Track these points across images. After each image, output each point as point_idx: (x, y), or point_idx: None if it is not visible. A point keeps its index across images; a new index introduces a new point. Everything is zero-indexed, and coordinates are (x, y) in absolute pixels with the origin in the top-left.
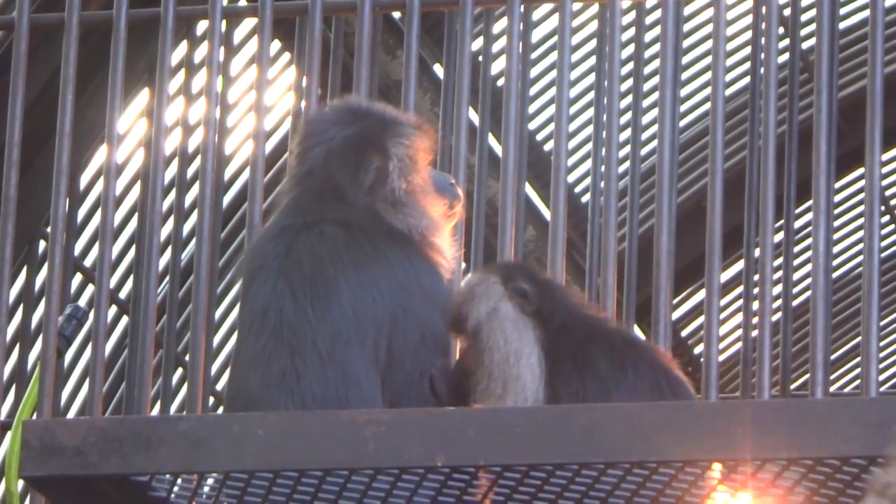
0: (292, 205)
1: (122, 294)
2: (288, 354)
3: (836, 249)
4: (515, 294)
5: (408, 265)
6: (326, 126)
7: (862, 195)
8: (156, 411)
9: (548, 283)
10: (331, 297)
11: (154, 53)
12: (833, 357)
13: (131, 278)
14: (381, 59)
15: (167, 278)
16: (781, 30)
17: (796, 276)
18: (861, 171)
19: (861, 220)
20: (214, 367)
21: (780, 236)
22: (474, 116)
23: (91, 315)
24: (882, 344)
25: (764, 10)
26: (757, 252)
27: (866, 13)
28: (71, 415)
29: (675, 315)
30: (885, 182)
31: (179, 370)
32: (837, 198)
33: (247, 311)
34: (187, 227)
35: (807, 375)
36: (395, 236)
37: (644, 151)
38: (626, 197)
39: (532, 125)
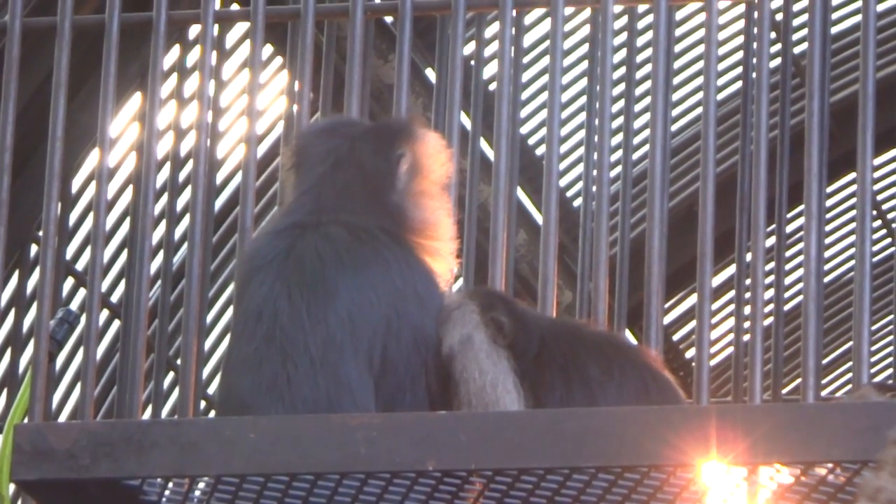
0: (307, 200)
1: (114, 298)
2: (280, 358)
3: (827, 254)
4: (492, 324)
5: (406, 269)
6: (335, 126)
7: (854, 200)
8: (147, 415)
9: (524, 313)
10: (328, 300)
11: (146, 57)
12: (825, 361)
13: (123, 282)
14: (374, 64)
15: (159, 282)
16: (773, 34)
17: (788, 280)
18: (853, 175)
19: (853, 225)
20: (206, 371)
21: (771, 241)
22: (466, 121)
23: (83, 319)
24: (873, 349)
25: (756, 14)
26: (749, 256)
27: (858, 18)
28: (62, 418)
29: (667, 319)
30: (876, 187)
31: (171, 374)
32: (829, 202)
33: (241, 313)
34: (179, 231)
35: (798, 380)
36: (397, 238)
37: (636, 156)
38: (617, 201)
39: (524, 129)
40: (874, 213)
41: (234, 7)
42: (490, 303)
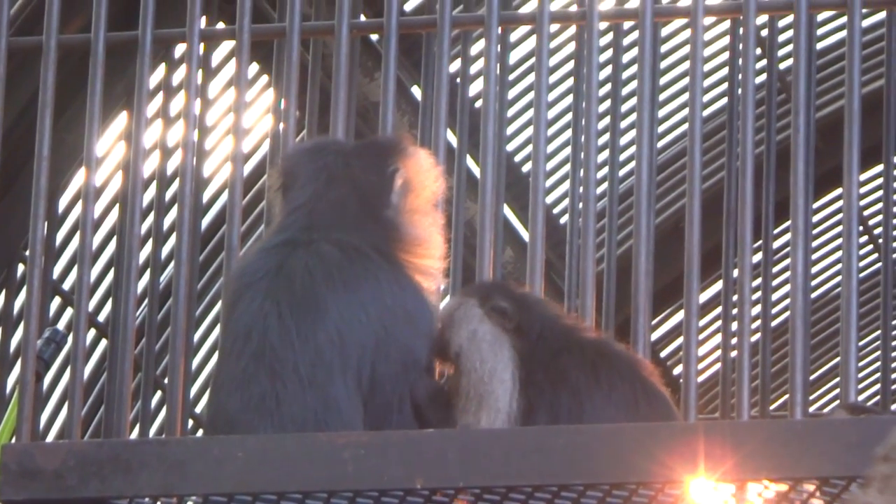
0: (299, 217)
1: (101, 317)
2: (268, 377)
3: (814, 269)
4: (494, 313)
5: (396, 288)
6: (323, 145)
7: (840, 215)
8: (135, 434)
9: (525, 296)
10: (318, 318)
11: (132, 76)
12: (812, 377)
13: (110, 301)
14: (359, 82)
15: (146, 301)
16: (759, 50)
17: (775, 296)
18: (839, 191)
19: (839, 241)
20: (193, 390)
21: (758, 257)
22: (452, 138)
23: (70, 338)
24: (861, 364)
25: (741, 30)
26: (735, 272)
27: (843, 33)
28: (50, 438)
29: (654, 336)
30: (863, 202)
31: (158, 393)
32: (815, 218)
33: (230, 331)
34: (166, 250)
35: (786, 396)
36: (388, 256)
37: (622, 172)
38: (604, 218)
39: (510, 146)
40: (860, 228)
41: (220, 25)
42: (489, 293)
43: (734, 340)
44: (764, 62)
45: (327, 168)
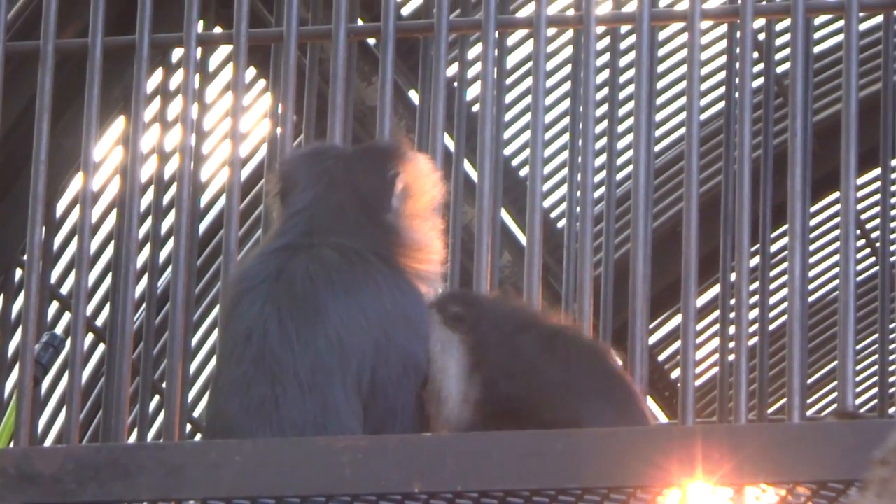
0: (299, 222)
1: (99, 322)
2: (268, 381)
3: (811, 273)
4: (450, 320)
5: (396, 293)
6: (322, 149)
7: (837, 219)
8: (133, 439)
9: (484, 298)
10: (318, 323)
11: (129, 81)
12: (809, 381)
13: (108, 306)
14: (357, 86)
15: (144, 306)
16: (756, 54)
17: (772, 300)
18: (836, 194)
19: (837, 244)
20: (191, 395)
21: (755, 261)
22: (449, 142)
23: (68, 343)
24: (858, 368)
25: (738, 34)
26: (733, 276)
27: (840, 37)
28: (48, 443)
29: (652, 340)
30: (860, 206)
31: (156, 397)
32: (813, 222)
33: (230, 335)
34: (163, 255)
35: (784, 399)
36: (388, 261)
37: (619, 176)
38: (601, 222)
39: (507, 151)
40: (858, 232)
41: (217, 30)
42: (445, 300)
43: (732, 344)
44: (761, 66)
45: (327, 172)
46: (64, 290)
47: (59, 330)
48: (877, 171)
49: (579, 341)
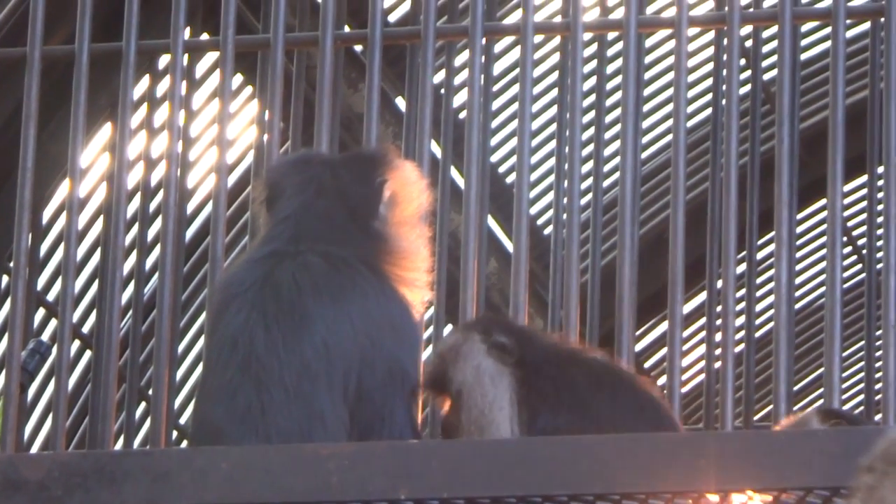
0: (286, 229)
1: (86, 328)
2: (254, 388)
3: (798, 280)
4: (494, 348)
5: (382, 300)
6: (308, 157)
7: (824, 226)
8: (119, 445)
9: (524, 329)
10: (304, 330)
11: (116, 88)
12: (796, 388)
13: (94, 312)
14: (343, 93)
15: (130, 312)
16: (743, 61)
17: (759, 307)
18: (823, 202)
19: (823, 251)
20: (178, 401)
21: (742, 267)
22: (436, 149)
23: (54, 349)
24: (844, 375)
25: (725, 41)
26: (719, 283)
27: (827, 44)
28: (34, 449)
29: (638, 346)
30: (847, 213)
31: (143, 404)
32: (800, 229)
33: (216, 342)
34: (150, 261)
35: (770, 406)
36: (375, 268)
37: (606, 183)
38: (588, 229)
39: (494, 157)
40: (844, 239)
41: (204, 37)
42: (489, 328)
43: (718, 351)
44: (748, 73)
45: (315, 179)
46: (50, 296)
47: (45, 336)
48: (863, 179)
49: (622, 374)
